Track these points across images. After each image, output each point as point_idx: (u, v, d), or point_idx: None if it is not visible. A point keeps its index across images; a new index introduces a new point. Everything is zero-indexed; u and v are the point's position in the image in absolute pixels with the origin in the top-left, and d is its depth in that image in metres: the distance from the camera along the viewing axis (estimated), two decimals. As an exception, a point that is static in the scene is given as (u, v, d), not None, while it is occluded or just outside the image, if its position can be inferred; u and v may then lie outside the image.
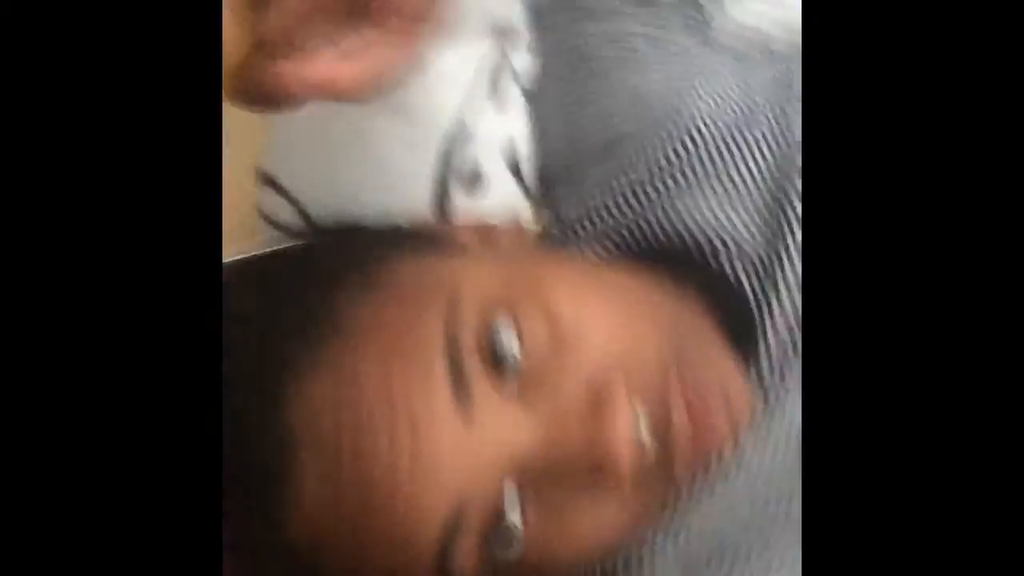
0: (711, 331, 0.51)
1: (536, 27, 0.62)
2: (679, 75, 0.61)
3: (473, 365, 0.45)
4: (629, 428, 0.45)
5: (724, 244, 0.56)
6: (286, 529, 0.46)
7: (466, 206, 0.61)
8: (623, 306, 0.50)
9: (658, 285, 0.53)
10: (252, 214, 0.66)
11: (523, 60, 0.61)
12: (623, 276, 0.53)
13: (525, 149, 0.62)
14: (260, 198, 0.64)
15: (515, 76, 0.61)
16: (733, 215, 0.57)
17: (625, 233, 0.60)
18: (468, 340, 0.46)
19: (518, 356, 0.46)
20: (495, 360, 0.46)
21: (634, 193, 0.60)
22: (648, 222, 0.59)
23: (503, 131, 0.60)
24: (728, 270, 0.56)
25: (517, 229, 0.60)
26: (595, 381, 0.46)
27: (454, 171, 0.60)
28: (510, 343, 0.46)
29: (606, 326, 0.48)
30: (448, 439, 0.44)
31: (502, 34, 0.58)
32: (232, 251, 0.52)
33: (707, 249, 0.57)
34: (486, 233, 0.57)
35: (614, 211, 0.60)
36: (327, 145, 0.58)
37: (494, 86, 0.60)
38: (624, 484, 0.45)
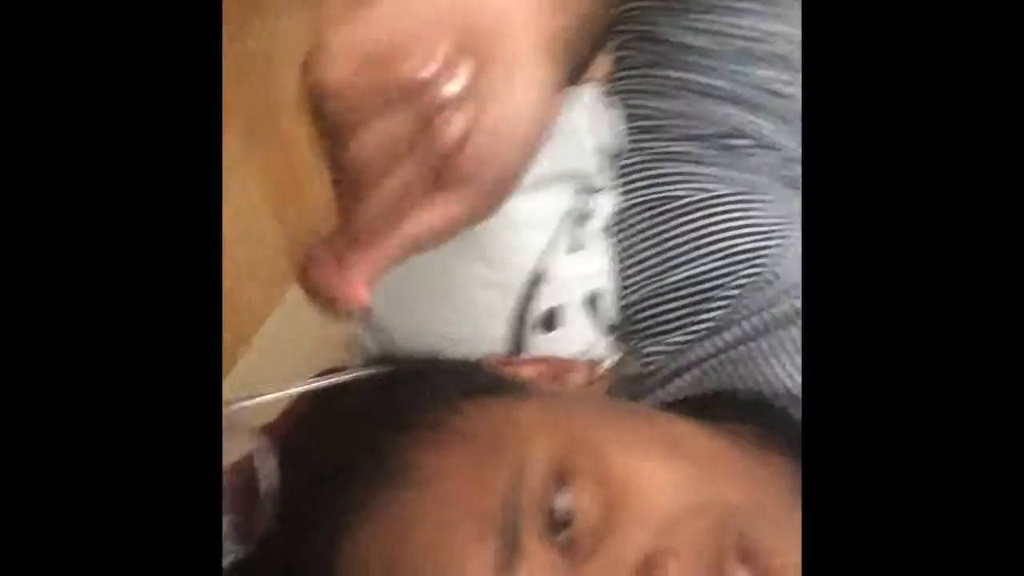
0: (792, 494, 0.46)
1: (614, 168, 0.62)
2: (761, 218, 0.60)
3: (528, 527, 0.43)
4: None
5: None
6: None
7: (542, 344, 0.61)
8: (691, 464, 0.47)
9: (738, 444, 0.50)
10: (351, 343, 0.65)
11: (602, 201, 0.63)
12: (696, 431, 0.50)
13: (605, 285, 0.62)
14: (355, 327, 0.64)
15: (594, 217, 0.62)
16: None
17: (702, 373, 0.58)
18: (526, 501, 0.44)
19: (572, 522, 0.44)
20: (552, 526, 0.44)
21: (715, 332, 0.58)
22: (729, 364, 0.57)
23: (582, 269, 0.61)
24: None
25: (590, 366, 0.59)
26: (648, 549, 0.43)
27: (531, 310, 0.60)
28: (566, 508, 0.44)
29: (667, 486, 0.45)
30: None
31: (579, 179, 0.60)
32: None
33: (786, 399, 0.54)
34: (557, 370, 0.56)
35: (696, 350, 0.59)
36: (411, 280, 0.59)
37: (574, 229, 0.60)
38: None
